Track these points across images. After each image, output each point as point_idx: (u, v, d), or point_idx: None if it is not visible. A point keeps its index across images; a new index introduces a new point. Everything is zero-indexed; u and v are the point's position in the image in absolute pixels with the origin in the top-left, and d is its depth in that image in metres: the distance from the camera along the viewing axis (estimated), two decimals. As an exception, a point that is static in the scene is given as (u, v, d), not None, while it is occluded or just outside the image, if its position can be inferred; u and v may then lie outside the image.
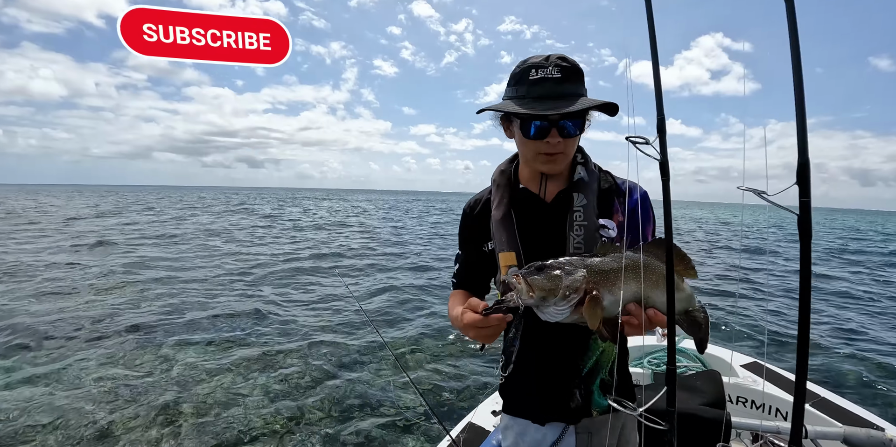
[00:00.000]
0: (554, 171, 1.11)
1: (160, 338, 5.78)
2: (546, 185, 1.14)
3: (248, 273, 10.24)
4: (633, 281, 0.85)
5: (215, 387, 4.49)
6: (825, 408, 2.27)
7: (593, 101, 0.98)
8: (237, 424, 3.81)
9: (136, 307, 7.26)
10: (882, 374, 5.42)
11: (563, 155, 1.06)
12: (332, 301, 8.04)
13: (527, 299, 0.83)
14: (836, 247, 20.67)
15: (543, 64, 0.99)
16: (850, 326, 7.19)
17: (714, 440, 1.60)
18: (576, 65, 1.01)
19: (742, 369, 2.77)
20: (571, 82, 1.00)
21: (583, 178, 1.12)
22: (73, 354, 5.21)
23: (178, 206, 41.43)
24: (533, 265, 0.86)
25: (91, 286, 8.54)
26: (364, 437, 3.67)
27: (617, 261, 0.86)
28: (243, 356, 5.25)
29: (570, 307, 0.83)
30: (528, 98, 1.00)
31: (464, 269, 1.27)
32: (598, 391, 1.16)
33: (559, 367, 1.15)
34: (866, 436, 1.50)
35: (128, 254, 12.21)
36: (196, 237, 16.74)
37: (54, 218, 23.40)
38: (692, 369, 2.78)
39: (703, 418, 1.66)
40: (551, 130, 1.00)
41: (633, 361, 3.05)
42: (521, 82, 1.02)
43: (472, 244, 1.24)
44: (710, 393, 1.89)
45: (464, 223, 1.27)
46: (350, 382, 4.69)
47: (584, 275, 0.83)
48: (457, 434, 2.10)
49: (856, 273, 12.93)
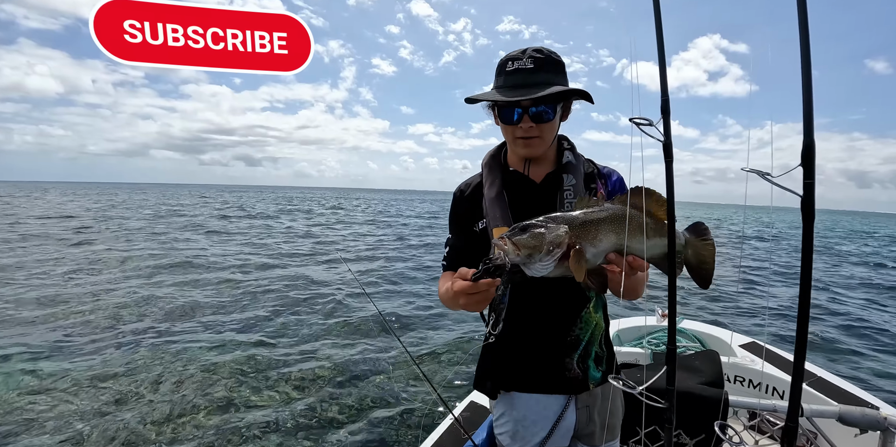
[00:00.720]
0: (532, 154, 1.19)
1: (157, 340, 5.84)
2: (529, 168, 1.23)
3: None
4: (612, 232, 0.89)
5: (222, 385, 4.57)
6: (821, 388, 2.30)
7: (560, 87, 1.06)
8: (240, 421, 3.89)
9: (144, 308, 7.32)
10: (878, 355, 5.49)
11: (539, 139, 1.13)
12: (336, 286, 8.10)
13: (514, 257, 0.87)
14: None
15: (519, 56, 1.08)
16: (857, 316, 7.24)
17: (712, 418, 1.63)
18: (550, 56, 1.08)
19: (740, 349, 2.80)
20: (545, 72, 1.07)
21: (571, 161, 1.22)
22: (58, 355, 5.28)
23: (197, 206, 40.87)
24: (516, 226, 0.90)
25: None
26: (369, 420, 3.75)
27: (595, 214, 0.90)
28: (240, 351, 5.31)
29: (555, 261, 0.87)
30: (505, 87, 1.10)
31: (454, 252, 1.30)
32: (593, 365, 1.23)
33: (551, 336, 1.21)
34: (861, 414, 1.53)
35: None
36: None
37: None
38: (691, 349, 2.82)
39: (701, 397, 1.68)
40: (524, 116, 1.09)
41: (633, 341, 3.09)
42: (500, 73, 1.12)
43: (463, 225, 1.28)
44: (709, 372, 1.92)
45: (455, 205, 1.32)
46: (354, 365, 4.77)
47: (566, 231, 0.87)
48: (459, 412, 2.14)
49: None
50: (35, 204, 33.74)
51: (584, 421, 1.25)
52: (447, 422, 2.08)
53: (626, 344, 3.01)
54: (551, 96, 1.06)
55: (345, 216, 30.70)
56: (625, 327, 3.15)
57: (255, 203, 47.29)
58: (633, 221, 0.89)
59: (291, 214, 30.76)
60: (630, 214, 0.89)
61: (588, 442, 1.27)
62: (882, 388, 4.57)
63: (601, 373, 1.25)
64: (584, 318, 1.21)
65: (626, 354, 2.70)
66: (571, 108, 1.18)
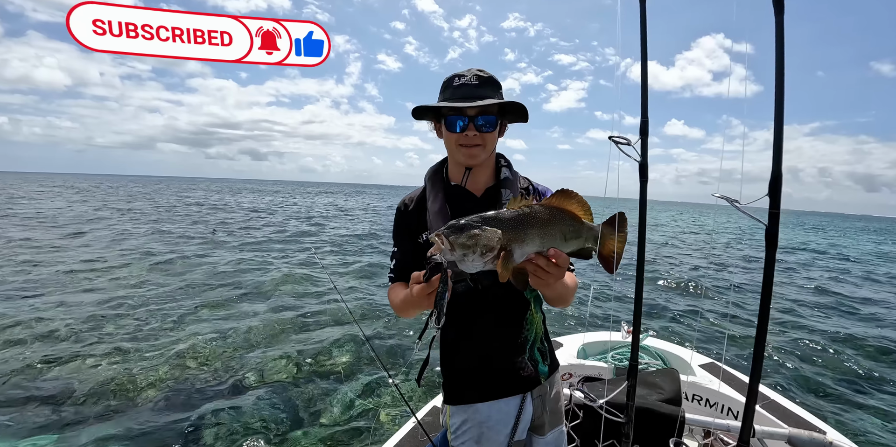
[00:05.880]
0: (472, 162, 1.26)
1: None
2: (468, 178, 1.30)
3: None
4: (538, 236, 0.97)
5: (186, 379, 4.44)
6: (773, 410, 2.37)
7: (499, 100, 1.21)
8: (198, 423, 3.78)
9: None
10: (831, 380, 5.69)
11: (481, 147, 1.23)
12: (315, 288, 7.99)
13: (449, 256, 0.93)
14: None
15: (465, 74, 1.23)
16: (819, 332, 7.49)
17: (668, 435, 1.67)
18: (492, 77, 1.23)
19: (700, 369, 2.86)
20: (486, 88, 1.21)
21: (508, 177, 1.33)
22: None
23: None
24: (453, 224, 0.95)
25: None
26: (332, 421, 3.70)
27: (525, 217, 0.97)
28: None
29: (486, 262, 0.93)
30: (452, 99, 1.21)
31: (400, 264, 1.35)
32: (540, 360, 1.34)
33: (503, 341, 1.29)
34: (809, 438, 1.58)
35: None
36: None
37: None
38: (653, 366, 2.87)
39: (659, 413, 1.72)
40: (469, 124, 1.20)
41: (597, 355, 3.13)
42: (447, 88, 1.24)
43: (408, 237, 1.34)
44: (668, 390, 1.96)
45: (399, 218, 1.38)
46: (320, 364, 4.70)
47: (499, 236, 0.92)
48: (422, 416, 2.13)
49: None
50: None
51: (539, 412, 1.33)
52: (409, 425, 2.07)
53: (591, 357, 3.05)
54: (492, 110, 1.22)
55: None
56: (590, 341, 3.19)
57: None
58: (558, 224, 0.99)
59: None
60: (556, 217, 0.98)
61: (539, 432, 1.36)
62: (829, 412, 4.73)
63: (547, 366, 1.36)
64: (529, 319, 1.31)
65: (589, 368, 2.73)
66: (507, 128, 1.31)
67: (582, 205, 1.01)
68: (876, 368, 5.87)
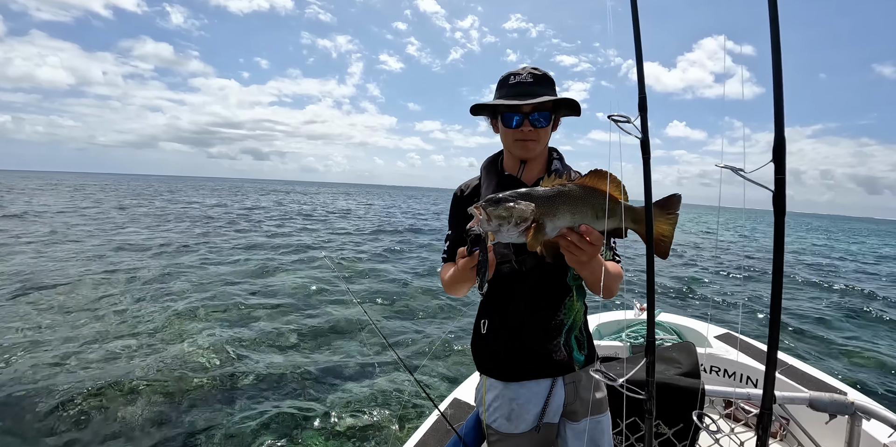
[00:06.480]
0: (527, 155, 1.34)
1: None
2: (523, 170, 1.37)
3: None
4: (569, 212, 1.00)
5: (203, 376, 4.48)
6: (793, 375, 2.38)
7: (552, 97, 1.25)
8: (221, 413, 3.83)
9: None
10: (849, 342, 5.70)
11: (535, 142, 1.30)
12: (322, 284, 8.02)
13: (486, 226, 0.99)
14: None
15: (520, 72, 1.29)
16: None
17: (690, 408, 1.68)
18: (546, 74, 1.29)
19: (715, 340, 2.87)
20: (541, 86, 1.27)
21: (558, 168, 1.39)
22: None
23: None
24: (491, 198, 1.01)
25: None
26: (355, 415, 3.74)
27: (557, 192, 1.01)
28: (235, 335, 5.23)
29: (520, 233, 0.99)
30: (508, 97, 1.27)
31: (453, 245, 1.41)
32: (576, 348, 1.37)
33: (538, 322, 1.34)
34: (830, 400, 1.59)
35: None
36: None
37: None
38: (668, 341, 2.88)
39: (678, 387, 1.73)
40: (524, 121, 1.27)
41: (612, 334, 3.14)
42: (503, 86, 1.31)
43: (462, 221, 1.38)
44: (686, 363, 1.96)
45: (455, 204, 1.47)
46: (342, 364, 4.74)
47: (532, 209, 0.98)
48: (444, 409, 2.15)
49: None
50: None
51: (571, 398, 1.36)
52: (432, 418, 2.09)
53: (606, 337, 3.06)
54: (546, 106, 1.27)
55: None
56: (604, 321, 3.20)
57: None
58: (591, 201, 1.01)
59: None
60: (588, 195, 1.01)
61: (572, 418, 1.38)
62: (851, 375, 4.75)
63: (584, 356, 1.38)
64: (568, 305, 1.35)
65: (605, 348, 2.74)
66: (560, 122, 1.37)
67: (616, 185, 1.03)
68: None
